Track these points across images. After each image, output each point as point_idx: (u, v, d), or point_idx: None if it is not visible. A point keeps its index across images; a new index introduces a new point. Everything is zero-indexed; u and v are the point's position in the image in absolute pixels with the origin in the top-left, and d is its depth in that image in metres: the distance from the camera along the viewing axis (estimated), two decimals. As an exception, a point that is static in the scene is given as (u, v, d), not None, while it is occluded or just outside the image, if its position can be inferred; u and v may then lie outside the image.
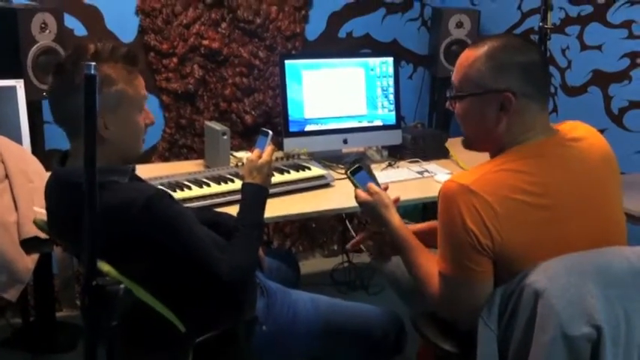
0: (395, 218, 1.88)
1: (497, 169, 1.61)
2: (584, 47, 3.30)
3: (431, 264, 1.72)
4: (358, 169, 1.98)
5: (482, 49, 1.65)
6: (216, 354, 1.80)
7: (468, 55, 1.69)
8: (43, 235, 2.12)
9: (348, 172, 1.98)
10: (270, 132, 2.07)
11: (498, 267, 1.58)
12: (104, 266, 1.46)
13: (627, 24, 3.12)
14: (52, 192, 1.73)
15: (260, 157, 1.96)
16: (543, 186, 1.58)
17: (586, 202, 1.63)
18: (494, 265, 1.58)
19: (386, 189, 1.98)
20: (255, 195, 1.91)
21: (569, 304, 1.43)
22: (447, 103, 1.78)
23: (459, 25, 3.59)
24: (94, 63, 0.98)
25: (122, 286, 1.03)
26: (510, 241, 1.55)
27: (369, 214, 1.97)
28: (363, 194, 1.93)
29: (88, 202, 1.01)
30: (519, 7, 3.64)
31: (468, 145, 1.80)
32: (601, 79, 3.23)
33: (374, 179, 1.98)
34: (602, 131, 1.96)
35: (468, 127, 1.75)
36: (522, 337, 1.49)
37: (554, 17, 2.74)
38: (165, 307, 1.65)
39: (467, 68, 1.67)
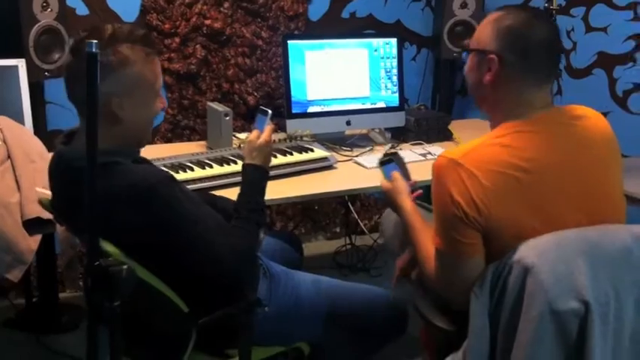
0: (406, 203, 1.97)
1: (490, 143, 1.63)
2: (589, 29, 3.28)
3: (430, 245, 1.74)
4: (389, 160, 2.15)
5: (498, 14, 1.71)
6: (219, 335, 1.80)
7: (486, 17, 1.75)
8: (45, 216, 2.11)
9: (378, 161, 2.19)
10: (270, 111, 2.04)
11: (488, 242, 1.60)
12: (108, 246, 1.46)
13: (633, 6, 3.10)
14: (55, 172, 1.73)
15: (259, 137, 1.93)
16: (536, 162, 1.59)
17: (583, 181, 1.64)
18: (484, 240, 1.60)
19: (412, 184, 2.07)
20: (255, 176, 1.89)
21: (558, 280, 1.45)
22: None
23: (464, 5, 3.56)
24: (95, 41, 0.97)
25: (125, 266, 1.03)
26: (499, 216, 1.56)
27: (387, 199, 2.08)
28: (385, 183, 2.07)
29: (89, 182, 1.00)
30: (524, -12, 3.61)
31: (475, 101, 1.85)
32: (606, 62, 3.21)
33: (404, 171, 2.11)
34: (605, 114, 1.99)
35: (469, 83, 1.80)
36: (511, 313, 1.51)
37: (560, -3, 2.71)
38: (168, 287, 1.65)
39: (479, 27, 1.75)
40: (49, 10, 2.64)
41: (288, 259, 2.24)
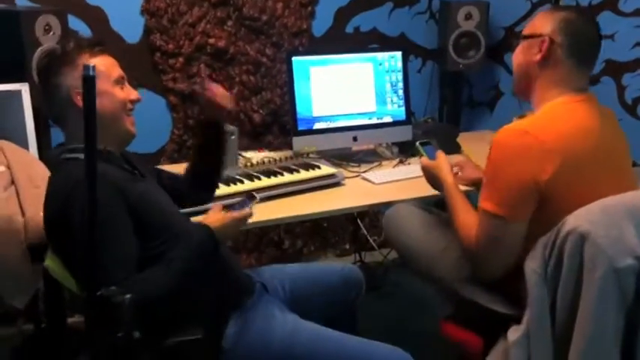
0: (450, 178, 2.13)
1: (550, 116, 1.84)
2: (596, 37, 3.25)
3: (470, 215, 1.95)
4: (427, 143, 2.32)
5: (552, 8, 2.00)
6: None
7: (540, 12, 2.01)
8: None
9: (417, 143, 2.33)
10: (257, 197, 2.04)
11: (539, 209, 1.78)
12: (48, 260, 1.49)
13: (639, 12, 3.07)
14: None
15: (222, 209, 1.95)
16: (589, 133, 1.83)
17: (617, 156, 1.91)
18: (536, 207, 1.78)
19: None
20: (203, 237, 1.83)
21: (613, 242, 1.61)
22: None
23: (468, 16, 3.54)
24: (92, 65, 0.95)
25: (128, 296, 1.00)
26: (558, 182, 1.74)
27: (427, 177, 2.25)
28: (426, 160, 2.24)
29: (90, 210, 0.97)
30: (529, -2, 3.59)
31: (515, 91, 2.06)
32: (614, 69, 3.17)
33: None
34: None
35: (514, 67, 2.00)
36: (570, 278, 1.65)
37: (565, 7, 2.68)
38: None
39: (532, 19, 1.98)
40: (52, 33, 2.62)
41: (330, 306, 2.20)
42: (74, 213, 1.62)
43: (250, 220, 2.07)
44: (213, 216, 1.92)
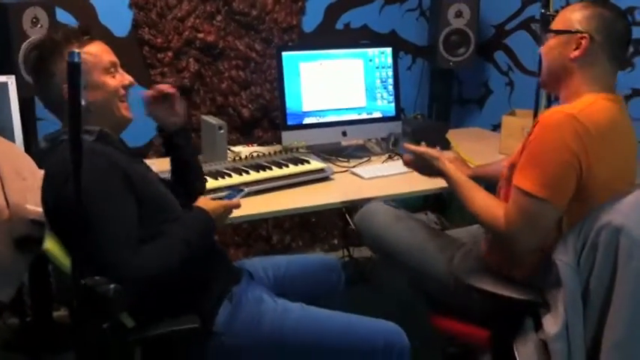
0: (448, 166, 2.11)
1: (597, 107, 1.84)
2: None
3: (488, 197, 1.98)
4: (396, 140, 2.35)
5: (585, 3, 1.96)
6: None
7: (571, 6, 1.99)
8: (37, 234, 2.07)
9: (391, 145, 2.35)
10: (245, 190, 2.07)
11: (575, 197, 1.81)
12: (47, 242, 1.56)
13: (630, 11, 3.07)
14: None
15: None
16: (620, 126, 1.89)
17: (631, 158, 1.96)
18: (574, 195, 1.81)
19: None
20: (200, 217, 1.86)
21: None
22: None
23: (459, 14, 3.54)
24: (77, 51, 0.95)
25: (112, 286, 0.99)
26: (598, 170, 1.79)
27: (422, 170, 2.23)
28: (407, 157, 2.21)
29: (75, 196, 0.96)
30: (520, -5, 3.60)
31: (543, 83, 2.07)
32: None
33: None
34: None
35: (547, 61, 1.99)
36: (604, 269, 1.74)
37: (555, 4, 2.68)
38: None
39: (564, 12, 1.98)
40: (40, 25, 2.61)
41: (313, 287, 2.21)
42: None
43: (239, 214, 2.07)
44: (204, 202, 1.92)
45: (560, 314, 1.78)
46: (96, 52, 1.84)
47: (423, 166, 2.20)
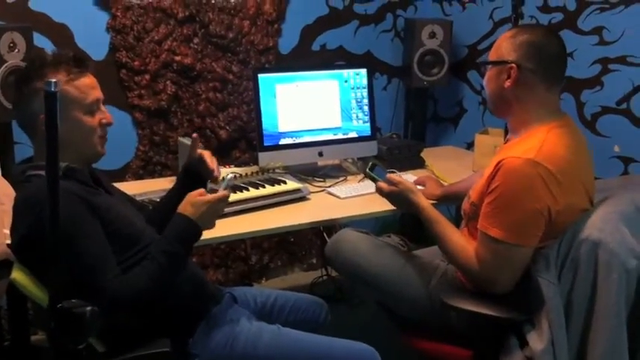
0: (423, 200, 2.11)
1: (550, 142, 1.85)
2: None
3: (461, 237, 1.99)
4: (374, 165, 2.22)
5: (514, 30, 1.98)
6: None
7: (504, 34, 2.00)
8: (13, 258, 2.07)
9: (367, 169, 2.21)
10: (232, 175, 1.99)
11: (546, 228, 1.84)
12: (14, 272, 1.50)
13: (598, 30, 3.15)
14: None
15: (202, 195, 1.87)
16: (575, 153, 1.89)
17: (589, 175, 1.98)
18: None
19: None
20: (179, 225, 1.82)
21: (621, 246, 1.77)
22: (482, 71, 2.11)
23: (432, 35, 3.61)
24: (54, 80, 0.97)
25: (89, 308, 1.01)
26: (565, 205, 1.83)
27: (397, 202, 2.19)
28: (385, 186, 2.16)
29: (51, 222, 0.98)
30: (491, 17, 3.67)
31: (492, 113, 2.07)
32: (573, 86, 3.25)
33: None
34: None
35: (488, 92, 2.02)
36: (585, 283, 1.79)
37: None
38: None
39: (498, 41, 1.99)
40: (17, 50, 2.62)
41: (300, 320, 2.20)
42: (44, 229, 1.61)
43: (217, 234, 2.08)
44: (183, 207, 1.85)
45: (545, 330, 1.81)
46: (83, 87, 1.81)
47: (397, 198, 2.16)
